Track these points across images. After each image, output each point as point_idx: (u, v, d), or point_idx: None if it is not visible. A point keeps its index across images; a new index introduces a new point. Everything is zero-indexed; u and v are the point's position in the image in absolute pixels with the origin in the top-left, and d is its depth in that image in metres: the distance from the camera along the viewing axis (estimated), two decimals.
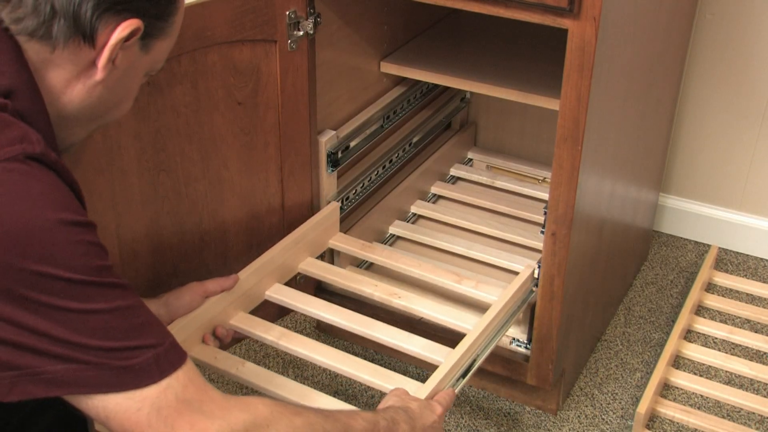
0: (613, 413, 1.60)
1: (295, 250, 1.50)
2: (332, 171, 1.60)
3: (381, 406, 1.14)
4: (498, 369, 1.55)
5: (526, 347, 1.52)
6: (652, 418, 1.58)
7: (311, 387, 1.23)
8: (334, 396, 1.24)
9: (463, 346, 1.28)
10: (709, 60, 1.89)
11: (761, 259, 2.02)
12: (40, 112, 0.88)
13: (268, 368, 1.58)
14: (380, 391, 1.26)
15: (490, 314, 1.35)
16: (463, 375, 1.27)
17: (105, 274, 0.82)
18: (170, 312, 1.29)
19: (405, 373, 1.44)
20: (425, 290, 1.63)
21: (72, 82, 0.90)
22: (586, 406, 1.62)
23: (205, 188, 1.43)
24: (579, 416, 1.60)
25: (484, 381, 1.63)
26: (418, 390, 1.19)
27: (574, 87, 1.24)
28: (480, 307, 1.50)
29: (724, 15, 1.84)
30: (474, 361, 1.30)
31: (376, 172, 1.76)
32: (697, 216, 2.06)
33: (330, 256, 1.66)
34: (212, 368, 1.28)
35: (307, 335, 1.74)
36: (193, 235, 1.47)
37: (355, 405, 1.23)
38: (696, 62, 1.91)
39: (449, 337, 1.43)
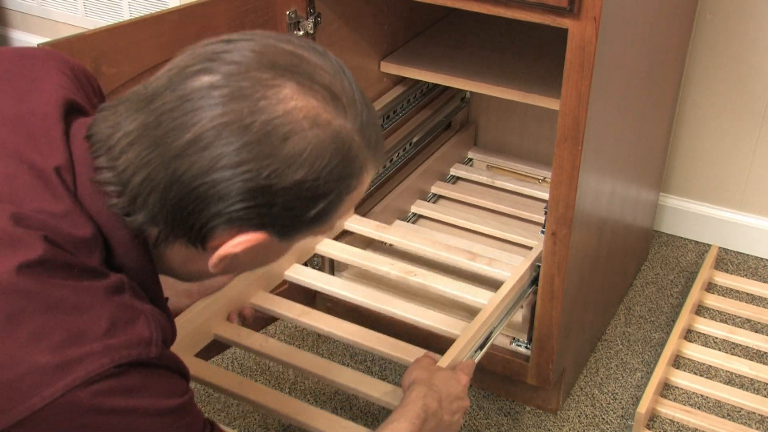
0: (613, 413, 1.60)
1: None
2: None
3: (406, 376, 1.16)
4: (498, 369, 1.55)
5: (526, 347, 1.52)
6: (652, 418, 1.58)
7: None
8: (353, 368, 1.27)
9: (479, 319, 1.31)
10: (709, 60, 1.89)
11: (761, 259, 2.02)
12: (153, 284, 0.83)
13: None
14: (398, 364, 1.30)
15: (505, 288, 1.38)
16: (481, 347, 1.31)
17: None
18: (201, 288, 1.28)
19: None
20: (439, 269, 1.66)
21: (186, 262, 0.83)
22: (586, 406, 1.62)
23: None
24: (579, 416, 1.60)
25: (484, 381, 1.63)
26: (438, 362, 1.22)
27: (574, 87, 1.24)
28: (493, 284, 1.52)
29: (724, 15, 1.84)
30: (490, 333, 1.33)
31: (376, 172, 1.76)
32: (697, 216, 2.06)
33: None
34: (237, 344, 1.31)
35: (307, 334, 1.75)
36: None
37: (372, 374, 1.25)
38: (696, 62, 1.91)
39: (464, 314, 1.49)
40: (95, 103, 0.89)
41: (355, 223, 1.64)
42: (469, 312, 1.51)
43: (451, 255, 1.56)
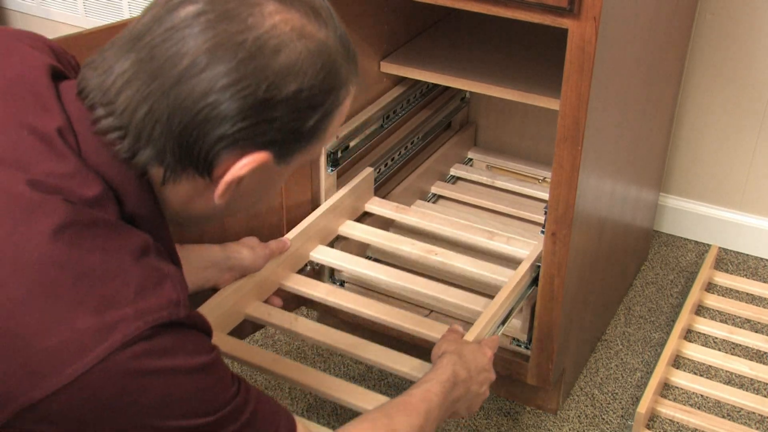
0: (613, 413, 1.60)
1: (335, 214, 1.58)
2: (332, 171, 1.60)
3: (435, 349, 1.20)
4: (498, 369, 1.55)
5: (526, 347, 1.52)
6: (652, 418, 1.58)
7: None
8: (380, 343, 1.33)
9: (501, 295, 1.35)
10: (709, 60, 1.89)
11: (761, 259, 2.02)
12: (162, 230, 0.85)
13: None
14: (426, 339, 1.35)
15: (525, 266, 1.42)
16: (503, 322, 1.37)
17: (231, 401, 0.83)
18: (242, 265, 1.30)
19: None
20: (458, 248, 1.68)
21: (192, 199, 0.85)
22: (586, 406, 1.62)
23: None
24: (579, 416, 1.60)
25: None
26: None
27: (574, 87, 1.24)
28: (512, 262, 1.56)
29: (724, 15, 1.84)
30: (512, 309, 1.39)
31: (377, 171, 1.76)
32: (697, 216, 2.06)
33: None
34: (267, 323, 1.36)
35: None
36: (193, 235, 1.47)
37: (397, 348, 1.32)
38: (696, 62, 1.91)
39: (484, 292, 1.53)
40: (75, 74, 0.90)
41: (375, 206, 1.71)
42: (488, 289, 1.54)
43: (470, 234, 1.62)
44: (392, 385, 1.65)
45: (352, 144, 1.65)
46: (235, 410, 0.83)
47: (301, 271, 1.50)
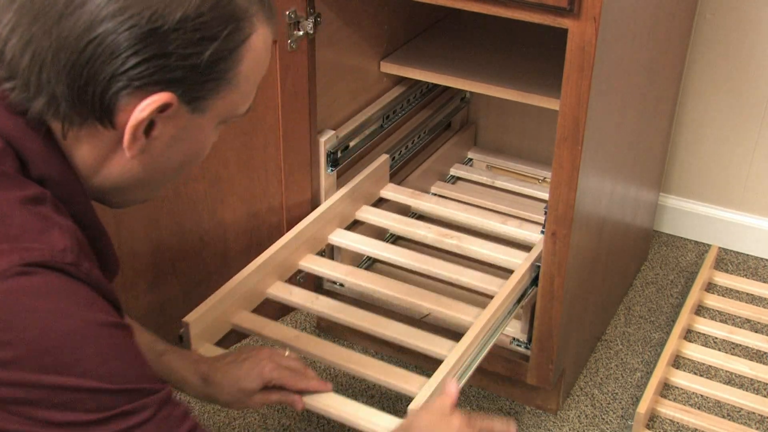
0: (613, 413, 1.60)
1: (351, 200, 1.65)
2: (332, 171, 1.60)
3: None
4: (498, 369, 1.55)
5: (526, 347, 1.52)
6: (652, 418, 1.58)
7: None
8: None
9: (514, 278, 1.39)
10: (709, 60, 1.89)
11: (761, 259, 2.02)
12: (76, 194, 0.80)
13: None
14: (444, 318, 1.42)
15: (524, 267, 1.45)
16: (518, 301, 1.42)
17: (137, 381, 0.76)
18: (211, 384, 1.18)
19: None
20: (472, 233, 1.71)
21: (104, 158, 0.80)
22: (586, 406, 1.62)
23: (205, 188, 1.43)
24: (579, 416, 1.60)
25: (484, 381, 1.63)
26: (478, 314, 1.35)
27: (574, 87, 1.24)
28: (524, 247, 1.59)
29: (724, 15, 1.84)
30: (526, 290, 1.43)
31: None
32: (697, 216, 2.06)
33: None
34: (288, 302, 1.42)
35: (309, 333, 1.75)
36: (193, 234, 1.48)
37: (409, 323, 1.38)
38: (696, 62, 1.91)
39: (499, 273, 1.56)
40: None
41: (390, 191, 1.76)
42: (502, 272, 1.57)
43: (484, 219, 1.69)
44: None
45: (352, 144, 1.65)
46: (147, 400, 0.76)
47: (320, 253, 1.58)
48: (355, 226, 1.68)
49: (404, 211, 1.79)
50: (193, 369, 1.16)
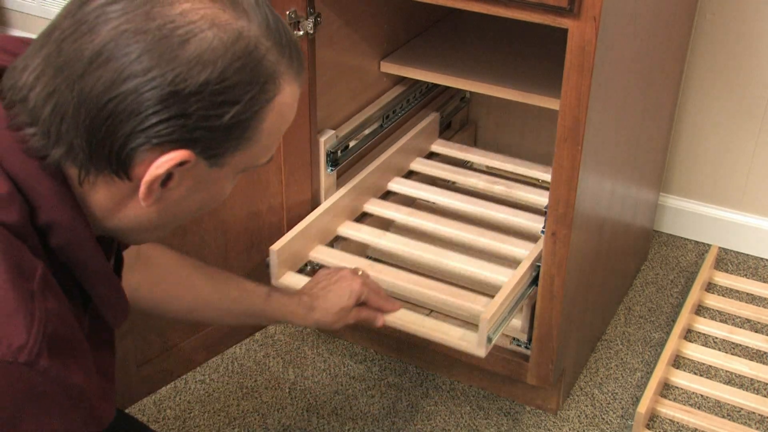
0: (613, 413, 1.60)
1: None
2: (332, 171, 1.60)
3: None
4: (498, 369, 1.55)
5: (526, 347, 1.52)
6: (652, 418, 1.58)
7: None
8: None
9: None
10: (709, 60, 1.89)
11: (761, 258, 2.02)
12: (84, 240, 0.79)
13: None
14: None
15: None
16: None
17: None
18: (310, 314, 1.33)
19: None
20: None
21: (119, 204, 0.79)
22: (586, 406, 1.62)
23: None
24: (579, 416, 1.60)
25: (484, 381, 1.63)
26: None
27: (574, 87, 1.24)
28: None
29: (724, 15, 1.84)
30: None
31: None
32: (697, 216, 2.06)
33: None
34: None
35: (307, 334, 1.75)
36: (193, 234, 1.47)
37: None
38: (696, 62, 1.91)
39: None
40: None
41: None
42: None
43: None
44: (392, 385, 1.65)
45: (352, 144, 1.65)
46: None
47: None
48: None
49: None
50: (297, 301, 1.31)
